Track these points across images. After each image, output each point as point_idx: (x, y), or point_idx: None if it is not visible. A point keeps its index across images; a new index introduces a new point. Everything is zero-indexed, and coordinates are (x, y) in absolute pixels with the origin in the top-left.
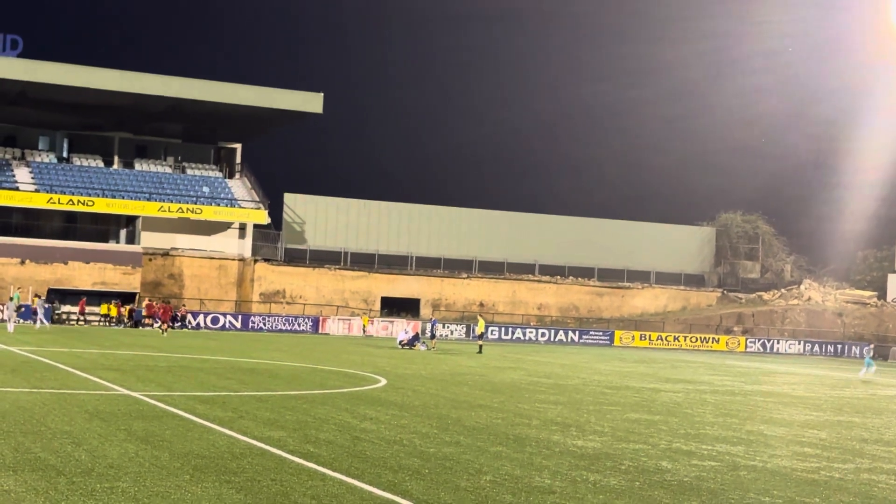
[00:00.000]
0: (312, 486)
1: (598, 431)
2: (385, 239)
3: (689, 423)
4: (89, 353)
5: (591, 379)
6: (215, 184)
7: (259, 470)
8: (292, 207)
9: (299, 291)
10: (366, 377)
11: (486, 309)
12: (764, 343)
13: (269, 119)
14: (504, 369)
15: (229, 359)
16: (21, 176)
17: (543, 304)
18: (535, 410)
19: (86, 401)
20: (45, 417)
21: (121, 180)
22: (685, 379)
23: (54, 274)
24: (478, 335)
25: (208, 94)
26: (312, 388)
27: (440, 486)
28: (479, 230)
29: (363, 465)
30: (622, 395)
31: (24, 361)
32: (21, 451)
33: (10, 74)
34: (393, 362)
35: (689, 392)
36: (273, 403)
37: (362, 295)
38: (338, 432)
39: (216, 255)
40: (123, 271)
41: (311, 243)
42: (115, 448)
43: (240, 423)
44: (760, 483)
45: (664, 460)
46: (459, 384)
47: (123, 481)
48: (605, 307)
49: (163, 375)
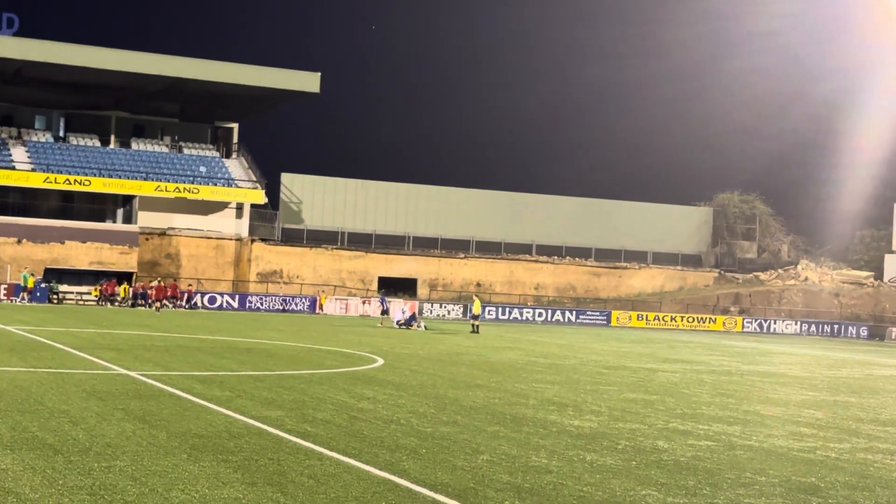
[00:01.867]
0: (310, 465)
1: (595, 411)
2: (382, 219)
3: (686, 402)
4: (86, 333)
5: (588, 359)
6: (212, 163)
7: (256, 449)
8: (289, 187)
9: (296, 271)
10: (363, 357)
11: (484, 289)
12: (761, 323)
13: (266, 99)
14: (501, 349)
15: (227, 338)
16: (18, 155)
17: (541, 284)
18: (532, 390)
19: (83, 380)
20: (42, 396)
21: (117, 160)
22: (682, 359)
23: (51, 253)
24: (474, 315)
25: (205, 73)
26: (310, 367)
27: (437, 465)
28: (476, 210)
29: (360, 445)
30: (619, 375)
31: (21, 341)
32: (18, 429)
33: (6, 53)
34: (390, 342)
35: (686, 372)
36: (270, 383)
37: (359, 275)
38: (335, 412)
39: (213, 235)
40: (120, 251)
41: (308, 223)
42: (112, 427)
43: (237, 402)
44: (757, 462)
45: (661, 440)
46: (457, 364)
47: (121, 460)
48: (602, 287)
49: (160, 355)
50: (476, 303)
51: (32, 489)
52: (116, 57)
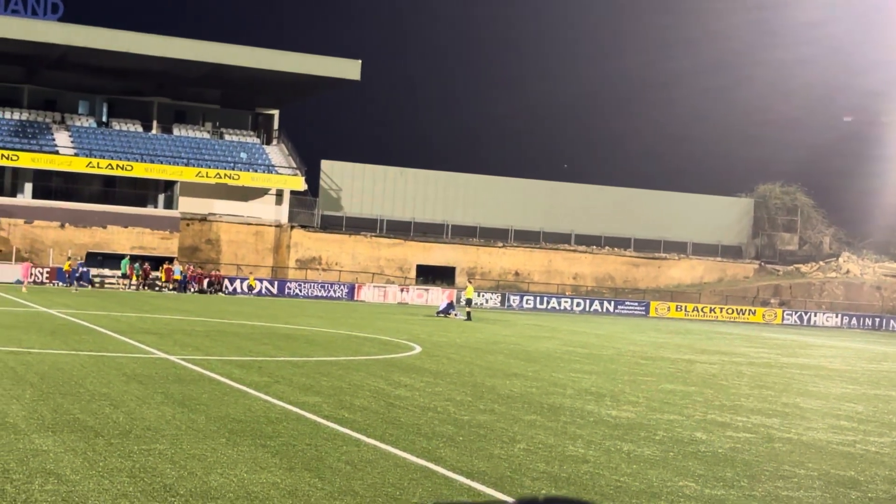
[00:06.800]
0: (347, 451)
1: (633, 402)
2: (421, 206)
3: (725, 394)
4: (127, 317)
5: (625, 349)
6: (253, 150)
7: (294, 435)
8: (329, 174)
9: (335, 258)
10: (401, 344)
11: (522, 278)
12: (801, 316)
13: (306, 85)
14: (539, 339)
15: (265, 324)
16: (61, 140)
17: (579, 273)
18: (569, 380)
19: (124, 363)
20: (83, 379)
21: (159, 145)
22: (721, 350)
23: (93, 238)
24: (466, 300)
25: (247, 60)
26: (348, 354)
27: (474, 453)
28: (515, 199)
29: (397, 432)
30: (657, 366)
31: (64, 324)
32: (60, 412)
33: (50, 38)
34: (428, 330)
35: (725, 364)
36: (308, 369)
37: (398, 262)
38: (372, 399)
39: (253, 221)
40: (161, 236)
41: (347, 210)
42: (152, 410)
43: (275, 388)
44: (795, 455)
45: (699, 431)
46: (494, 353)
47: (160, 443)
48: (640, 278)
49: (200, 340)
50: (469, 288)
51: (73, 471)
52: (159, 43)
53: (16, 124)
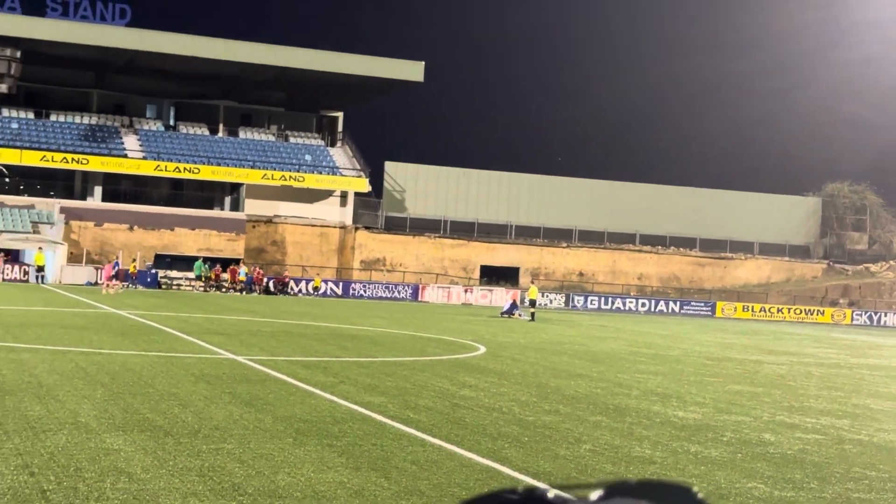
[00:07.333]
0: (412, 451)
1: (699, 402)
2: (485, 207)
3: (793, 395)
4: (195, 318)
5: (691, 350)
6: (317, 152)
7: (360, 434)
8: (393, 175)
9: (399, 259)
10: (465, 345)
11: (586, 279)
12: (871, 316)
13: (370, 87)
14: (604, 339)
15: (330, 325)
16: (129, 143)
17: (644, 274)
18: (634, 380)
19: (192, 364)
20: (152, 379)
21: (225, 148)
22: (789, 351)
23: (161, 240)
24: (529, 301)
25: (311, 62)
26: (412, 354)
27: (540, 454)
28: (579, 199)
29: (462, 432)
30: (724, 367)
31: (133, 325)
32: (130, 411)
33: (119, 43)
34: (492, 330)
35: (793, 364)
36: (373, 369)
37: (461, 263)
38: (437, 399)
39: (318, 223)
40: (228, 238)
41: (411, 211)
42: (220, 410)
43: (341, 388)
44: (866, 457)
45: (767, 432)
46: (559, 353)
47: (229, 443)
48: (706, 278)
49: (266, 340)
50: (532, 289)
51: (144, 469)
52: (225, 47)
53: (86, 129)
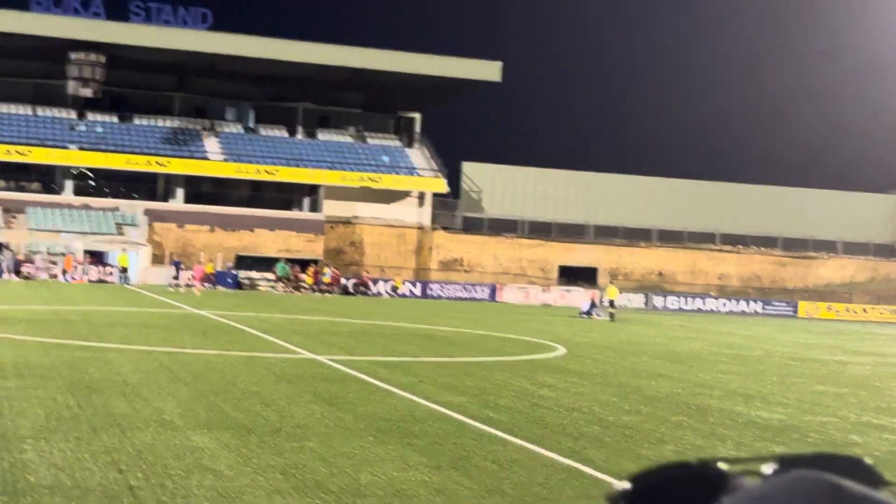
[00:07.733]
0: (493, 450)
1: (783, 403)
2: (562, 207)
3: (880, 396)
4: (274, 318)
5: (774, 350)
6: (395, 153)
7: (440, 434)
8: (470, 176)
9: (477, 259)
10: (544, 345)
11: (666, 279)
12: None
13: (447, 88)
14: (684, 339)
15: (408, 325)
16: (210, 146)
17: (724, 273)
18: (716, 381)
19: (272, 363)
20: (234, 378)
21: (304, 150)
22: (874, 352)
23: (241, 241)
24: (608, 301)
25: (388, 63)
26: (491, 354)
27: (621, 454)
28: (657, 199)
29: (543, 432)
30: (807, 367)
31: (215, 325)
32: (213, 410)
33: (200, 47)
34: (571, 330)
35: (879, 365)
36: (452, 369)
37: (539, 263)
38: (517, 399)
39: (396, 224)
40: (307, 239)
41: (488, 211)
42: (301, 409)
43: (420, 387)
44: None
45: (854, 434)
46: (639, 353)
47: (311, 441)
48: (788, 277)
49: (345, 340)
50: (610, 289)
51: (228, 467)
52: (303, 49)
53: (167, 132)
